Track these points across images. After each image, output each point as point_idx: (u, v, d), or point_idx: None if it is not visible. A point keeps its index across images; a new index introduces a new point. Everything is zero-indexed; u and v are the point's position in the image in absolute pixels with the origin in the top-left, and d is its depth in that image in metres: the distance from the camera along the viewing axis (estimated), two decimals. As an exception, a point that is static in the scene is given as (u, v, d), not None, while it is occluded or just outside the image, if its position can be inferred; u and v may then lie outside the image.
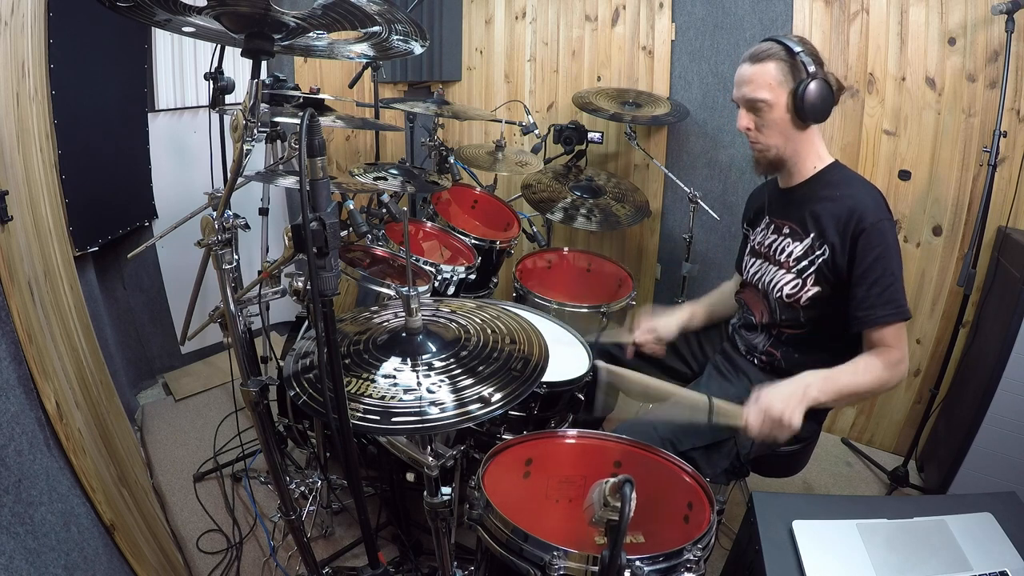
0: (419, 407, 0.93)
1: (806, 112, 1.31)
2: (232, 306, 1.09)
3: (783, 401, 1.19)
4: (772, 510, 1.17)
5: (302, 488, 1.76)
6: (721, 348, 1.64)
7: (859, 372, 1.27)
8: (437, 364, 1.03)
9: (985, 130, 1.91)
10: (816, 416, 1.49)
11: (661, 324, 1.63)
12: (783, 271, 1.41)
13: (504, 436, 1.48)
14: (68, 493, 1.15)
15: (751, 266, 1.53)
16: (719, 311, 1.70)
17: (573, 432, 1.25)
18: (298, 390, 1.00)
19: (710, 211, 2.26)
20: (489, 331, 1.16)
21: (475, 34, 3.13)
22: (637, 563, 0.89)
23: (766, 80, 1.32)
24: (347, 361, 1.04)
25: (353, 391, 0.96)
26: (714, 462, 1.36)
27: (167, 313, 2.63)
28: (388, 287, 1.50)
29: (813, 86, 1.28)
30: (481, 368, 1.03)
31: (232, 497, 1.97)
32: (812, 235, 1.36)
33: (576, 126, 2.48)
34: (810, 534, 1.10)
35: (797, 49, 1.30)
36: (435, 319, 1.19)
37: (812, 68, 1.29)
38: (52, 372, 1.22)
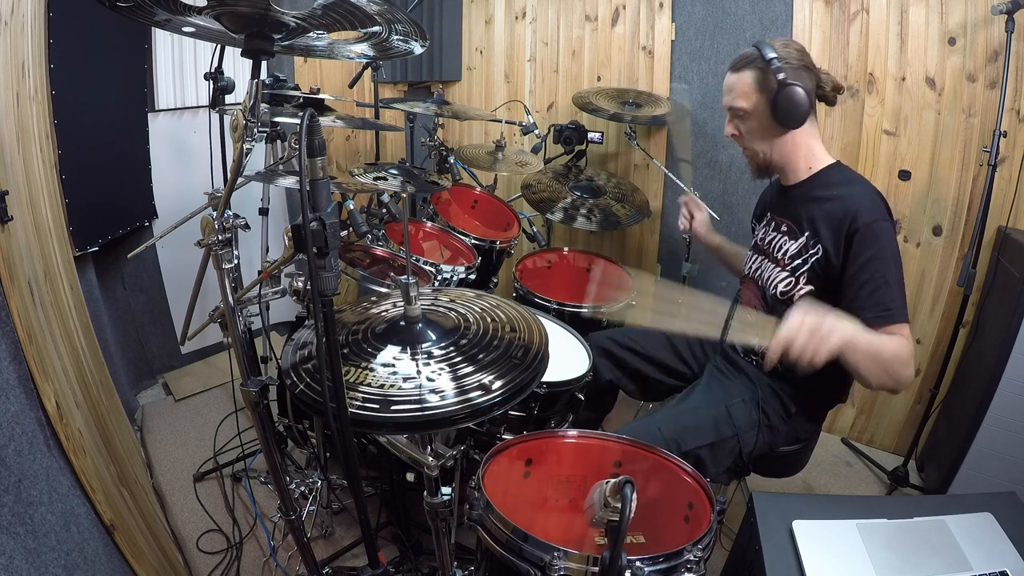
0: (419, 395, 0.92)
1: (780, 119, 1.33)
2: (232, 306, 1.09)
3: (825, 315, 1.12)
4: (772, 510, 1.17)
5: (302, 488, 1.76)
6: (720, 349, 1.64)
7: (882, 337, 1.20)
8: (437, 352, 1.02)
9: (985, 130, 1.90)
10: (816, 415, 1.49)
11: (700, 221, 1.83)
12: (779, 268, 1.42)
13: (504, 436, 1.48)
14: (68, 493, 1.15)
15: (752, 261, 1.54)
16: (734, 260, 1.76)
17: (573, 432, 1.25)
18: (295, 379, 0.98)
19: (710, 211, 2.25)
20: (489, 319, 1.14)
21: (475, 34, 3.13)
22: (637, 563, 0.88)
23: (743, 88, 1.36)
24: (345, 350, 1.02)
25: (351, 380, 0.94)
26: (718, 460, 1.37)
27: (167, 313, 2.63)
28: (388, 287, 1.50)
29: (785, 94, 1.30)
30: (481, 356, 1.02)
31: (232, 497, 1.97)
32: (807, 234, 1.36)
33: (576, 126, 2.48)
34: (810, 534, 1.10)
35: (771, 55, 1.30)
36: (434, 307, 1.18)
37: (782, 75, 1.29)
38: (52, 372, 1.22)
